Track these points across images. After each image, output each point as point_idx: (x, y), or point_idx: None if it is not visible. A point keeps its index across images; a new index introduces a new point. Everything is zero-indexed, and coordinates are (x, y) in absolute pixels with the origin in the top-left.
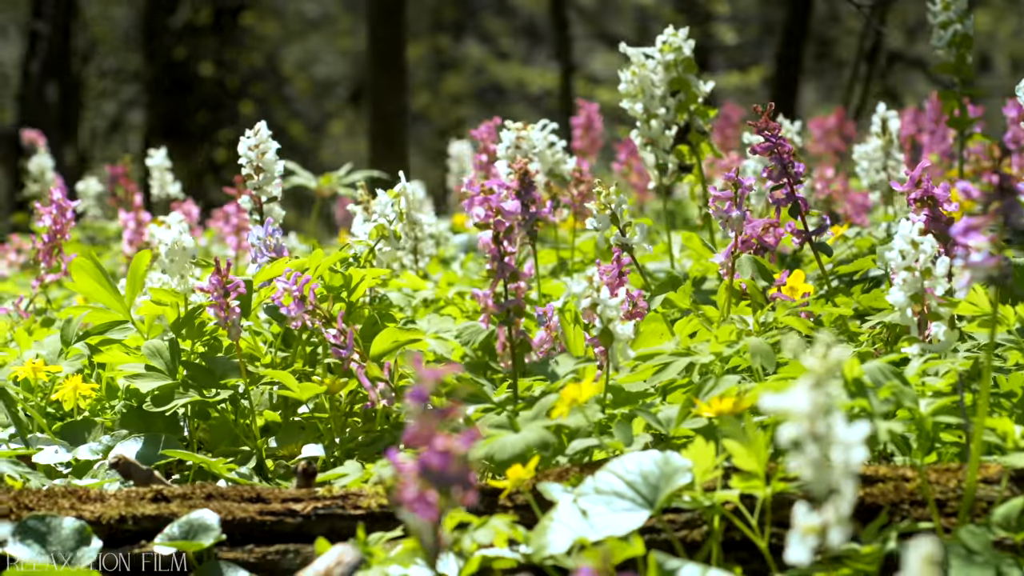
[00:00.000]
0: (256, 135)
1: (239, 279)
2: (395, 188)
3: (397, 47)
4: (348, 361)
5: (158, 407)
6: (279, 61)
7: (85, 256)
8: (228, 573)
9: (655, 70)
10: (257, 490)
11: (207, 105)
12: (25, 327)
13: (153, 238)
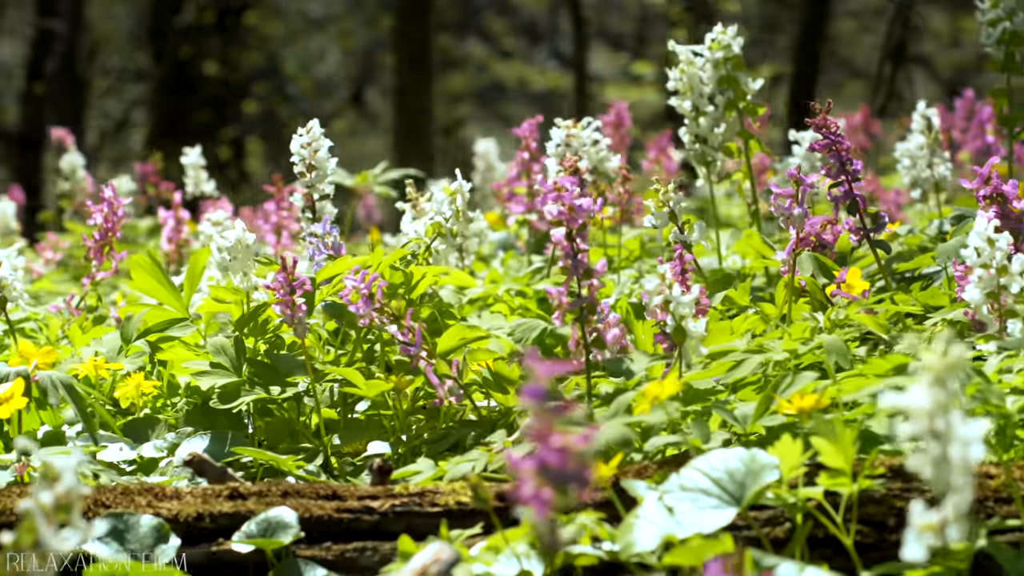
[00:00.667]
0: (308, 132)
1: (305, 276)
2: (451, 186)
3: (423, 45)
4: (417, 359)
5: (224, 404)
6: (281, 61)
7: (144, 254)
8: (307, 571)
9: (703, 67)
10: (333, 487)
11: (210, 104)
12: (77, 325)
13: (202, 236)
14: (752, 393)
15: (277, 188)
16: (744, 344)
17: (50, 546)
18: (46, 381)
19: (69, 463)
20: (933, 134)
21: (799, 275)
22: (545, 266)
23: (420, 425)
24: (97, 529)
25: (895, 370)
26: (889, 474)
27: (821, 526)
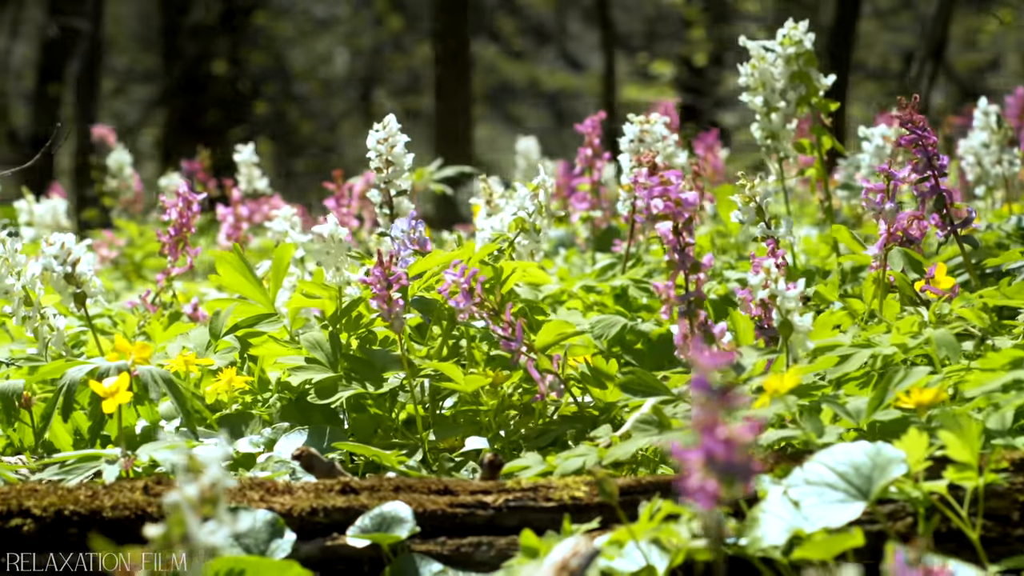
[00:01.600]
0: (385, 128)
1: (401, 271)
2: (535, 181)
3: (462, 43)
4: (518, 354)
5: (322, 399)
6: (289, 61)
7: (230, 249)
8: (422, 566)
9: (775, 63)
10: (444, 482)
11: (219, 105)
12: (155, 321)
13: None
14: (855, 388)
15: (337, 185)
16: (850, 339)
17: (198, 539)
18: (146, 376)
19: (215, 455)
20: (1002, 130)
21: (888, 270)
22: (618, 262)
23: (517, 421)
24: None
25: (1012, 364)
26: (1011, 468)
27: (945, 520)
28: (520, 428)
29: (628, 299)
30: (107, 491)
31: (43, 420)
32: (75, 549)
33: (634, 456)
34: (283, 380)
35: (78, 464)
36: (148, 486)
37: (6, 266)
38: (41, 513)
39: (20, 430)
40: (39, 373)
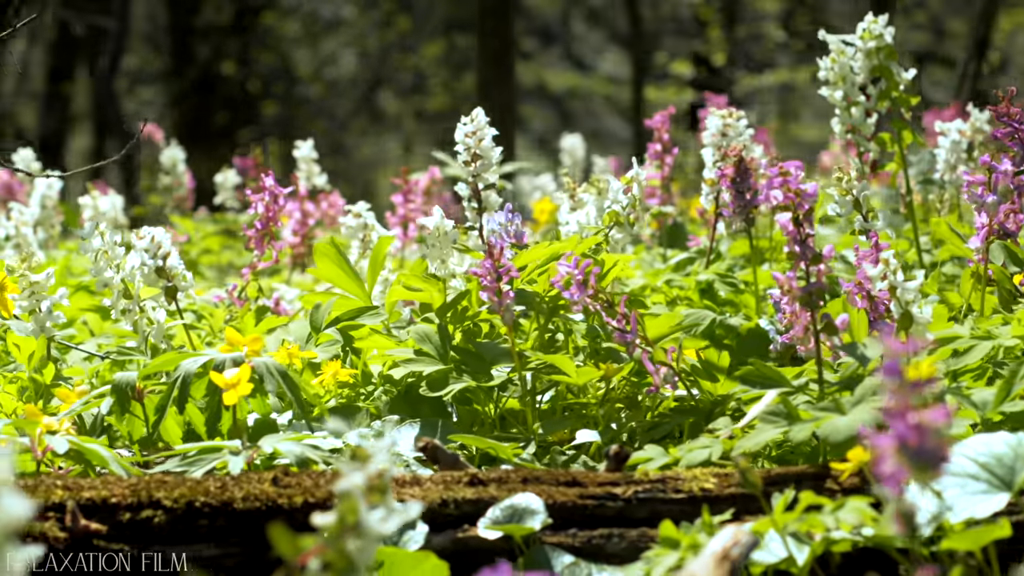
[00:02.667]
0: (473, 122)
1: (511, 264)
2: (628, 174)
3: (505, 42)
4: (633, 346)
5: (433, 392)
6: (297, 61)
7: (328, 243)
8: (554, 557)
9: (854, 57)
10: (572, 474)
11: (229, 105)
12: (246, 314)
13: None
14: (970, 380)
15: (404, 181)
16: (967, 330)
17: (371, 528)
18: (262, 368)
19: (382, 444)
20: None
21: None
22: (697, 257)
23: (628, 414)
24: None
25: None
26: None
27: None
28: (631, 421)
29: (714, 293)
30: (236, 483)
31: (157, 412)
32: (205, 541)
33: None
34: (385, 373)
35: (199, 456)
36: (277, 478)
37: (105, 259)
38: (172, 504)
39: (129, 422)
40: (151, 365)
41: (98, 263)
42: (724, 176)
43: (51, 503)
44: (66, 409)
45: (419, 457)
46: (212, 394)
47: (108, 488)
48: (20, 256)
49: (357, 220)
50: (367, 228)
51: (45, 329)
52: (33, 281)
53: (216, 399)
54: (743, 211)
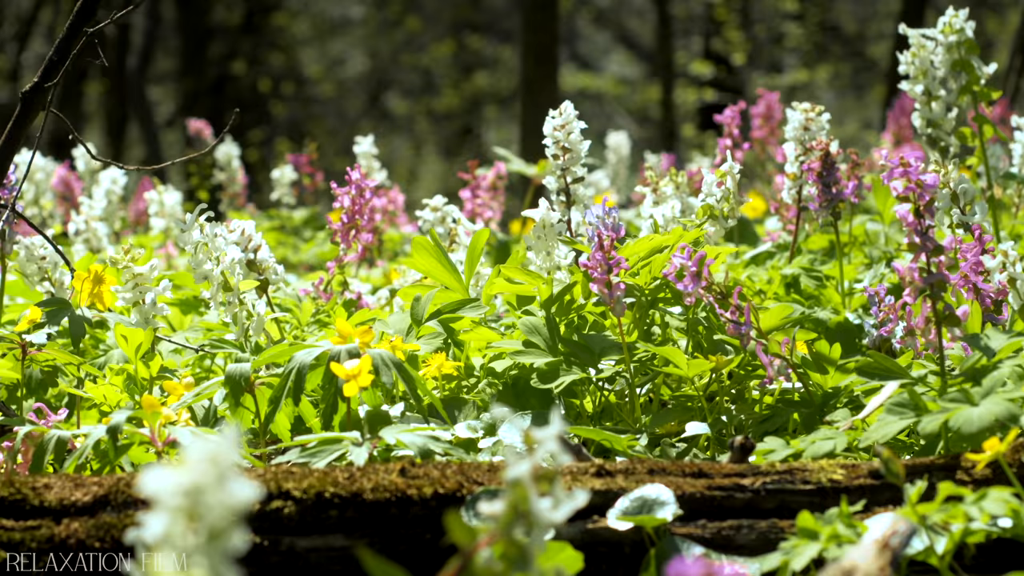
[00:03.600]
0: (562, 115)
1: (621, 256)
2: (722, 167)
3: (551, 38)
4: (747, 337)
5: (544, 384)
6: (306, 62)
7: (425, 235)
8: (684, 549)
9: (934, 52)
10: (698, 465)
11: (240, 105)
12: (335, 307)
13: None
14: None
15: (472, 175)
16: None
17: (541, 516)
18: (377, 359)
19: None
20: None
21: None
22: (776, 251)
23: (739, 406)
24: (471, 507)
25: None
26: None
27: None
28: (740, 413)
29: (799, 287)
30: (364, 473)
31: (271, 404)
32: (334, 531)
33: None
34: (486, 366)
35: (320, 448)
36: (405, 468)
37: (204, 251)
38: (301, 495)
39: (237, 414)
40: (263, 357)
41: (197, 256)
42: (810, 170)
43: None
44: (174, 401)
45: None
46: (328, 385)
47: None
48: (122, 249)
49: (435, 214)
50: (453, 222)
51: (149, 321)
52: (136, 273)
53: (332, 391)
54: (830, 205)
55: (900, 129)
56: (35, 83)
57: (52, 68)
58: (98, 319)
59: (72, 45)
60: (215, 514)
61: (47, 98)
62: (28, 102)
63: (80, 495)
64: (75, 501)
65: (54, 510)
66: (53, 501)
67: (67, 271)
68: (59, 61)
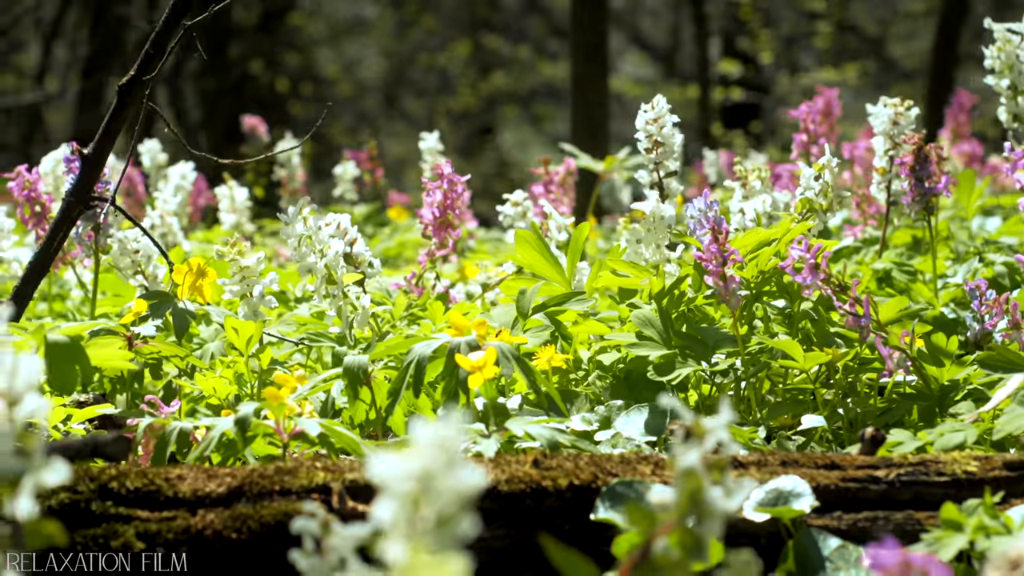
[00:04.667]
0: (654, 108)
1: (735, 248)
2: (819, 161)
3: (600, 36)
4: (867, 330)
5: (660, 376)
6: (322, 62)
7: (528, 228)
8: (821, 540)
9: (1020, 46)
10: (829, 457)
11: (258, 105)
12: (431, 301)
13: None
14: None
15: (545, 171)
16: None
17: (715, 505)
18: (497, 352)
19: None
20: None
21: None
22: (862, 246)
23: (853, 399)
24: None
25: None
26: None
27: None
28: (857, 407)
29: (891, 281)
30: (497, 465)
31: (390, 396)
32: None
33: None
34: (594, 359)
35: None
36: (538, 460)
37: (308, 244)
38: None
39: (352, 407)
40: (380, 349)
41: (300, 248)
42: (903, 164)
43: (314, 485)
44: (288, 393)
45: (650, 441)
46: (449, 378)
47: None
48: (228, 242)
49: (516, 208)
50: (544, 216)
51: (257, 314)
52: (244, 266)
53: (453, 383)
54: (923, 199)
55: (958, 126)
56: (132, 76)
57: (148, 61)
58: (202, 312)
59: (169, 38)
60: (444, 500)
61: (144, 91)
62: (124, 95)
63: (214, 486)
64: (209, 492)
65: (188, 501)
66: (187, 492)
67: (160, 264)
68: (155, 55)
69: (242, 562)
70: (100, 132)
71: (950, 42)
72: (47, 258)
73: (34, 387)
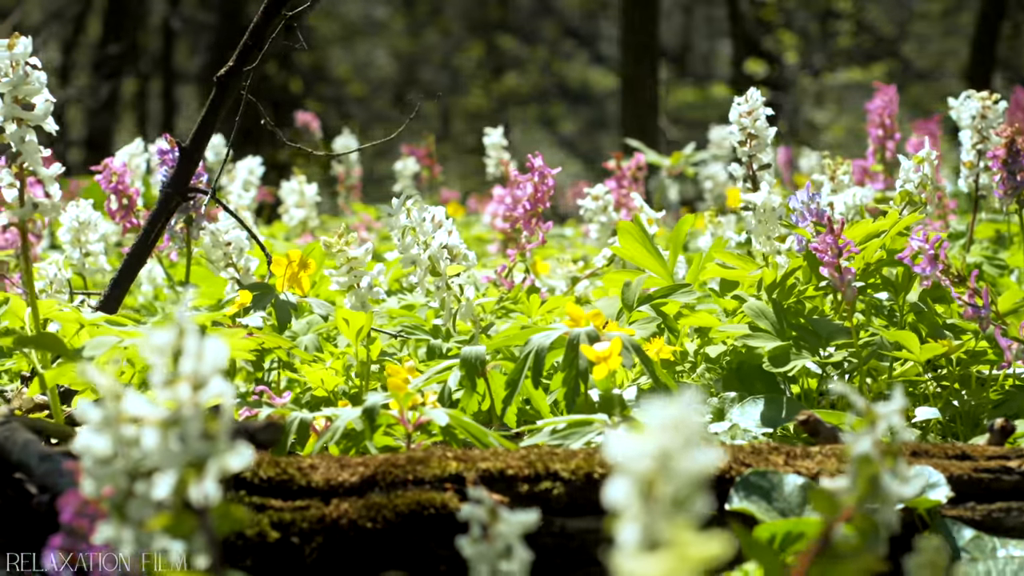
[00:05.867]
0: (748, 101)
1: (850, 240)
2: (919, 153)
3: (651, 38)
4: (986, 321)
5: (776, 368)
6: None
7: (632, 220)
8: (955, 531)
9: None
10: (960, 447)
11: (272, 105)
12: (513, 295)
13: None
14: None
15: (618, 165)
16: None
17: (891, 491)
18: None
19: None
20: None
21: None
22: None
23: (968, 391)
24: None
25: None
26: None
27: None
28: (971, 398)
29: (981, 274)
30: None
31: (508, 386)
32: (604, 513)
33: None
34: (700, 351)
35: (572, 430)
36: None
37: (412, 235)
38: (570, 476)
39: (465, 398)
40: (496, 340)
41: (404, 240)
42: (995, 157)
43: (447, 474)
44: (399, 384)
45: (766, 433)
46: (569, 368)
47: (503, 460)
48: (337, 233)
49: (597, 203)
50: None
51: (366, 305)
52: (351, 257)
53: (574, 373)
54: (1015, 192)
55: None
56: (231, 67)
57: (247, 52)
58: (304, 304)
59: (267, 30)
60: (680, 480)
61: (242, 83)
62: (223, 87)
63: (347, 476)
64: (342, 482)
65: (321, 490)
66: (320, 481)
67: (252, 256)
68: (253, 46)
69: (377, 551)
70: (197, 124)
71: (991, 39)
72: (144, 249)
73: (219, 371)
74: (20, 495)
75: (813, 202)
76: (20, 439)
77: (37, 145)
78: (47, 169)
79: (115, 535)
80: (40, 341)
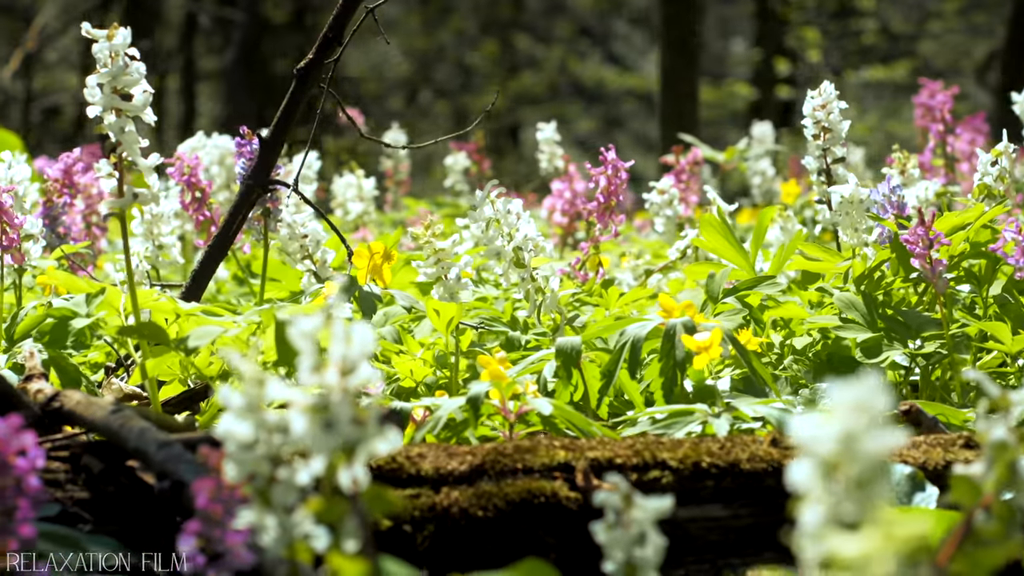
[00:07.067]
0: (822, 95)
1: (941, 232)
2: (998, 146)
3: (689, 30)
4: None
5: (868, 359)
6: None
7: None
8: None
9: None
10: None
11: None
12: (587, 288)
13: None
14: None
15: (676, 160)
16: None
17: None
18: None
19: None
20: None
21: None
22: None
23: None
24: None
25: None
26: None
27: None
28: None
29: None
30: (735, 444)
31: (604, 377)
32: (711, 502)
33: None
34: (786, 343)
35: (673, 420)
36: (776, 439)
37: (496, 228)
38: (678, 465)
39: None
40: (592, 331)
41: (488, 232)
42: None
43: (555, 463)
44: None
45: None
46: (667, 358)
47: (610, 448)
48: (424, 224)
49: (662, 197)
50: (708, 202)
51: (454, 296)
52: (439, 248)
53: (671, 363)
54: None
55: None
56: (311, 59)
57: (327, 44)
58: (388, 296)
59: (347, 21)
60: (864, 462)
61: (322, 74)
62: (303, 78)
63: (456, 464)
64: (451, 470)
65: (431, 479)
66: (429, 470)
67: (329, 249)
68: (334, 38)
69: (487, 540)
70: (278, 116)
71: None
72: (225, 242)
73: (368, 355)
74: (133, 483)
75: (895, 194)
76: (136, 427)
77: (136, 135)
78: (146, 160)
79: (258, 520)
80: (143, 330)
